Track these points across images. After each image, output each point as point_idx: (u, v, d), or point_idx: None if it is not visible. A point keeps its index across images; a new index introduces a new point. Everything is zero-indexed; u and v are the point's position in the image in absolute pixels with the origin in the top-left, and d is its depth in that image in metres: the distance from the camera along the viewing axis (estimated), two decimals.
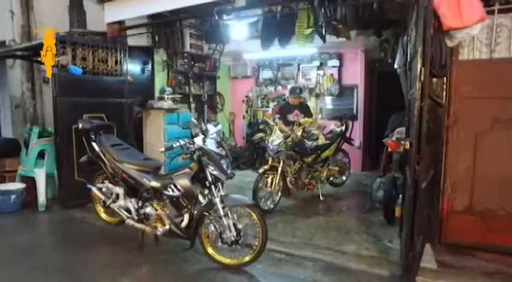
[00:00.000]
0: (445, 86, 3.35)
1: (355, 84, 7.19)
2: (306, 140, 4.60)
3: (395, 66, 4.61)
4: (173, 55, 6.22)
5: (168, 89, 6.05)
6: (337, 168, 5.20)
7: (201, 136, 3.33)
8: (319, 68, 7.32)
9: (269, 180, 4.34)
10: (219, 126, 6.66)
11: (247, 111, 8.12)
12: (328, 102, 7.43)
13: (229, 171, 3.14)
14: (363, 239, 3.56)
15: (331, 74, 7.21)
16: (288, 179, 4.55)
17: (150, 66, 6.00)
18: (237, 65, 8.11)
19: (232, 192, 4.01)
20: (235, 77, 8.19)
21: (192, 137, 4.79)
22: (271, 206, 4.35)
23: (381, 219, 4.04)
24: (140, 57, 5.92)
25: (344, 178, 5.55)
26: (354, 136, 6.05)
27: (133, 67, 5.70)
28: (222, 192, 2.94)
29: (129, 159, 3.43)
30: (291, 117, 5.13)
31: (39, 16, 6.05)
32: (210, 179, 2.89)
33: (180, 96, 6.13)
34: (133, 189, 3.39)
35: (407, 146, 2.81)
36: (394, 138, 4.29)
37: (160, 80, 6.16)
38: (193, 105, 7.11)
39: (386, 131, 5.18)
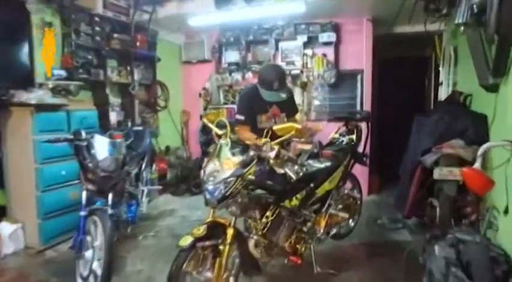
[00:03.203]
0: None
1: (359, 70, 4.95)
2: (288, 166, 2.29)
3: (458, 20, 2.43)
4: (70, 17, 3.76)
5: (59, 72, 3.60)
6: (344, 215, 2.85)
7: None
8: (306, 45, 5.02)
9: (208, 256, 2.02)
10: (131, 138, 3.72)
11: (205, 109, 5.74)
12: (319, 95, 5.14)
13: None
14: None
15: (324, 55, 4.93)
16: (251, 243, 2.26)
17: (24, 31, 3.53)
18: (190, 44, 5.72)
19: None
20: (189, 61, 5.79)
21: (77, 154, 2.43)
22: None
23: None
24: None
25: (352, 224, 3.23)
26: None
27: None
28: None
29: None
30: (263, 119, 2.82)
31: None
32: None
33: (78, 83, 3.69)
34: None
35: None
36: (475, 164, 2.03)
37: (47, 56, 3.71)
38: (116, 100, 4.68)
39: (423, 143, 2.97)
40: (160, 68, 5.41)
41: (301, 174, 2.40)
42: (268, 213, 2.29)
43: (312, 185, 2.51)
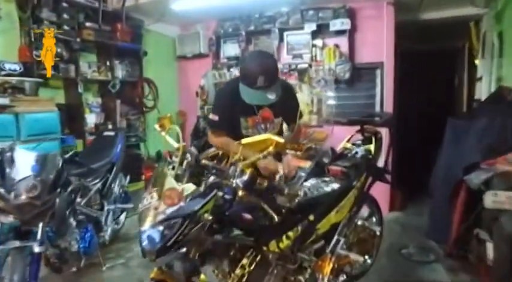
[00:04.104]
0: None
1: (378, 63, 4.16)
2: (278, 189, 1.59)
3: None
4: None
5: (11, 66, 3.00)
6: (357, 258, 2.05)
7: None
8: (315, 35, 4.28)
9: None
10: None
11: (202, 108, 5.07)
12: (331, 93, 4.38)
13: None
14: None
15: (336, 46, 4.17)
16: None
17: None
18: (184, 37, 5.06)
19: None
20: (183, 56, 5.14)
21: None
22: None
23: None
24: None
25: (369, 261, 2.42)
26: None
27: None
28: None
29: None
30: (249, 124, 2.05)
31: None
32: None
33: (34, 80, 3.07)
34: None
35: None
36: None
37: (1, 47, 3.13)
38: (95, 100, 4.07)
39: (467, 156, 2.20)
40: (151, 63, 4.80)
41: (294, 203, 1.70)
42: (245, 262, 1.57)
43: (311, 217, 1.78)
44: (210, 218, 1.27)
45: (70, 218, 2.27)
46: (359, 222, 2.19)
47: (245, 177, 1.30)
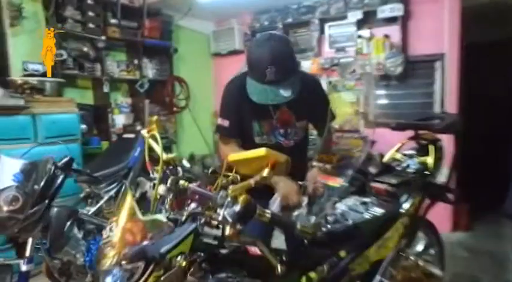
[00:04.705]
0: None
1: (437, 55, 3.51)
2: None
3: None
4: None
5: (34, 67, 2.91)
6: None
7: None
8: (361, 25, 3.74)
9: None
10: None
11: None
12: (379, 90, 3.81)
13: None
14: None
15: (386, 36, 3.60)
16: None
17: None
18: (219, 33, 4.79)
19: None
20: (218, 53, 4.87)
21: None
22: None
23: None
24: None
25: None
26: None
27: None
28: None
29: None
30: (264, 130, 1.63)
31: None
32: None
33: (56, 80, 2.95)
34: None
35: None
36: None
37: (25, 46, 3.06)
38: (125, 100, 3.94)
39: None
40: (183, 61, 4.60)
41: (320, 232, 1.28)
42: None
43: (343, 253, 1.34)
44: (184, 264, 0.90)
45: (73, 229, 2.05)
46: (410, 258, 1.68)
47: (236, 208, 0.91)
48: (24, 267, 1.65)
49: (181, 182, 1.14)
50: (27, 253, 1.68)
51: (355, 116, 3.66)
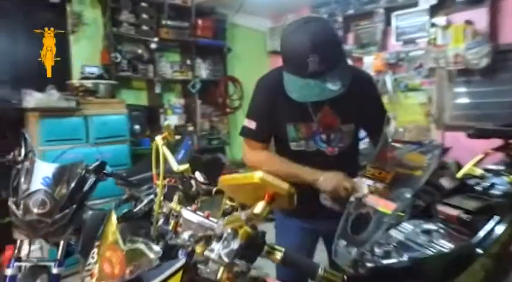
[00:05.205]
0: None
1: None
2: None
3: None
4: (106, 3, 3.15)
5: (91, 70, 3.02)
6: None
7: None
8: (435, 11, 3.21)
9: None
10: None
11: None
12: (457, 88, 3.22)
13: None
14: None
15: (468, 22, 3.02)
16: None
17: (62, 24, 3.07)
18: (275, 30, 4.57)
19: None
20: (275, 50, 4.66)
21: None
22: None
23: None
24: (34, 7, 3.00)
25: None
26: None
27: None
28: None
29: None
30: (301, 134, 1.33)
31: None
32: None
33: (109, 82, 3.03)
34: None
35: None
36: None
37: (85, 51, 3.20)
38: (178, 101, 3.95)
39: None
40: (239, 60, 4.48)
41: (362, 269, 0.99)
42: None
43: None
44: None
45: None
46: None
47: (234, 246, 0.68)
48: (54, 270, 1.63)
49: (173, 204, 0.95)
50: (58, 256, 1.67)
51: (425, 119, 3.15)
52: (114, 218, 0.85)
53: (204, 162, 3.58)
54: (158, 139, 1.24)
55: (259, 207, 0.64)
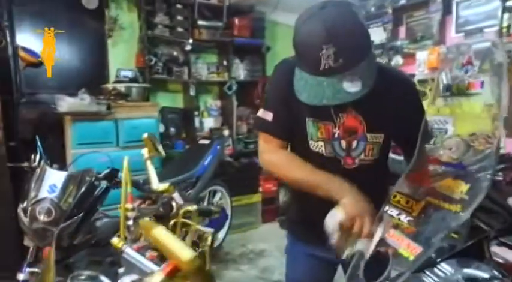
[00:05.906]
0: None
1: None
2: None
3: None
4: (142, 7, 3.15)
5: (125, 73, 3.05)
6: None
7: None
8: None
9: None
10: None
11: None
12: None
13: None
14: None
15: None
16: None
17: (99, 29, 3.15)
18: None
19: None
20: None
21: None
22: None
23: None
24: (73, 13, 3.10)
25: None
26: None
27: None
28: None
29: None
30: (320, 133, 1.10)
31: None
32: None
33: (142, 85, 3.03)
34: None
35: None
36: None
37: (122, 54, 3.24)
38: (215, 103, 3.87)
39: None
40: (279, 59, 4.25)
41: None
42: None
43: None
44: None
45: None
46: None
47: None
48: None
49: (114, 239, 0.79)
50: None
51: (492, 123, 2.65)
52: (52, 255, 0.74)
53: (236, 167, 3.45)
54: (144, 152, 1.11)
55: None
